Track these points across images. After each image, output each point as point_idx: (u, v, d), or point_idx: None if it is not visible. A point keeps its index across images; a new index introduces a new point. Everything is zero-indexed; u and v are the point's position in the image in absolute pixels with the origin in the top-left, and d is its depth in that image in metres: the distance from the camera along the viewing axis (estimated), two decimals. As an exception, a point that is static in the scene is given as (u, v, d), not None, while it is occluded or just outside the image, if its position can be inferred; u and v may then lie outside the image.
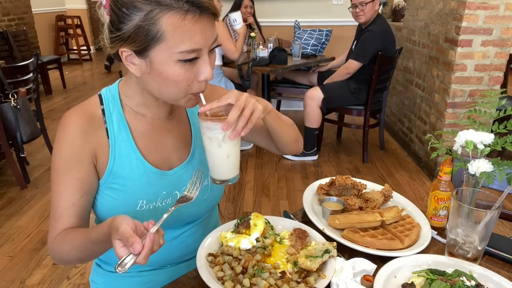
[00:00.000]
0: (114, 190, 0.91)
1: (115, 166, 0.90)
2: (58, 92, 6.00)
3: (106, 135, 0.90)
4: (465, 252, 0.89)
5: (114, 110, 0.92)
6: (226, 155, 0.83)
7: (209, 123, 0.80)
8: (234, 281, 0.80)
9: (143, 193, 0.92)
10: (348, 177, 1.18)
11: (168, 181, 0.95)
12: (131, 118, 0.93)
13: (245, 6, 3.93)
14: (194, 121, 1.02)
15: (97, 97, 0.93)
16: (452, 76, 2.92)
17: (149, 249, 0.67)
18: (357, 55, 3.22)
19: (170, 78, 0.78)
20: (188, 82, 0.80)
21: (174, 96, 0.83)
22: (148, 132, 0.94)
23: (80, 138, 0.87)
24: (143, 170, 0.92)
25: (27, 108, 2.98)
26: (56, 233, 0.87)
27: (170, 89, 0.81)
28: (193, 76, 0.80)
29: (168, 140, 0.97)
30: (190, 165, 0.99)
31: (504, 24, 2.78)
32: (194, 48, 0.76)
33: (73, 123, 0.88)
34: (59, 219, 0.87)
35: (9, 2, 5.70)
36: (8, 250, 2.35)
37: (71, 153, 0.87)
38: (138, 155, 0.92)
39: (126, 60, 0.80)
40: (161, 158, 0.96)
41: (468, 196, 0.92)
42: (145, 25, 0.74)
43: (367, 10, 3.18)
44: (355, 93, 3.31)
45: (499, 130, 0.96)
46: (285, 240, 0.95)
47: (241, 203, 2.87)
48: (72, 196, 0.87)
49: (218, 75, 3.54)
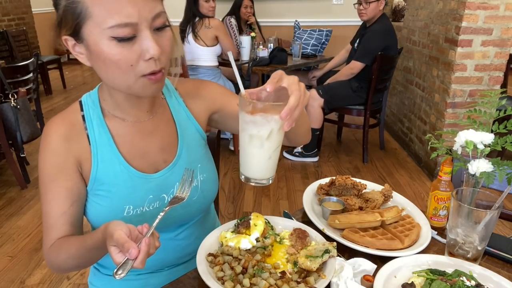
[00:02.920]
0: (100, 197, 0.90)
1: (98, 173, 0.89)
2: (58, 92, 6.00)
3: (87, 141, 0.89)
4: (465, 252, 0.89)
5: (94, 116, 0.90)
6: (268, 156, 0.74)
7: (258, 117, 0.68)
8: (234, 281, 0.80)
9: (129, 199, 0.90)
10: (348, 177, 1.18)
11: (154, 185, 0.93)
12: (112, 122, 0.91)
13: (245, 6, 3.94)
14: (179, 119, 0.98)
15: (78, 103, 0.92)
16: (452, 76, 2.92)
17: (145, 253, 0.66)
18: (361, 55, 3.21)
19: (108, 59, 0.73)
20: (130, 62, 0.73)
21: (123, 81, 0.77)
22: (130, 136, 0.92)
23: (62, 146, 0.86)
24: (127, 175, 0.90)
25: (27, 108, 2.98)
26: (51, 243, 0.87)
27: (115, 73, 0.76)
28: (136, 56, 0.73)
29: (151, 143, 0.94)
30: (177, 167, 0.96)
31: (504, 24, 2.78)
32: (126, 22, 0.70)
33: (54, 132, 0.87)
34: (52, 228, 0.87)
35: (9, 2, 5.70)
36: (8, 250, 2.35)
37: (56, 162, 0.86)
38: (121, 160, 0.90)
39: (73, 50, 0.78)
40: (146, 161, 0.93)
41: (468, 196, 0.92)
42: (69, 4, 0.72)
43: (370, 9, 3.18)
44: (357, 92, 3.31)
45: (499, 130, 0.96)
46: (285, 240, 0.95)
47: (241, 203, 2.87)
48: (62, 205, 0.87)
49: (216, 75, 3.54)
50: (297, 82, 0.70)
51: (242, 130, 0.73)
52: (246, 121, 0.70)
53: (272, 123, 0.69)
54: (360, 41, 3.30)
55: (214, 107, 1.02)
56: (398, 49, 3.39)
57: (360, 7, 3.21)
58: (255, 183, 0.77)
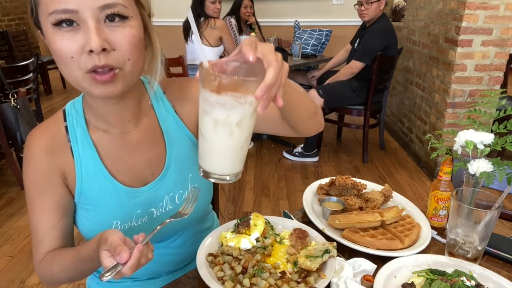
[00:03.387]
0: (87, 211, 0.87)
1: (83, 187, 0.85)
2: (58, 92, 6.00)
3: (71, 154, 0.84)
4: (465, 252, 0.89)
5: (77, 127, 0.85)
6: (238, 147, 0.62)
7: (227, 97, 0.55)
8: (234, 281, 0.80)
9: (116, 214, 0.87)
10: (348, 177, 1.18)
11: (142, 199, 0.88)
12: (96, 135, 0.86)
13: (244, 6, 3.94)
14: (167, 127, 0.91)
15: (61, 112, 0.87)
16: (452, 76, 2.92)
17: (136, 260, 0.65)
18: (361, 55, 3.21)
19: (53, 49, 0.69)
20: (70, 53, 0.67)
21: (70, 75, 0.71)
22: (115, 149, 0.87)
23: (45, 159, 0.83)
24: (113, 190, 0.86)
25: (27, 108, 2.98)
26: (41, 257, 0.85)
27: (60, 65, 0.70)
28: (78, 47, 0.67)
29: (138, 156, 0.88)
30: (166, 179, 0.90)
31: (504, 24, 2.78)
32: (64, 9, 0.65)
33: (36, 144, 0.83)
34: (42, 243, 0.85)
35: (9, 2, 5.71)
36: (8, 250, 2.35)
37: (40, 176, 0.83)
38: (107, 175, 0.85)
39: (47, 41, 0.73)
40: (132, 175, 0.88)
41: (468, 196, 0.92)
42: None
43: (372, 9, 3.18)
44: (357, 92, 3.31)
45: (499, 130, 0.96)
46: (285, 240, 0.95)
47: (241, 203, 2.87)
48: (50, 219, 0.84)
49: (217, 76, 3.54)
50: (273, 52, 0.58)
51: (204, 114, 0.59)
52: (211, 102, 0.57)
53: (246, 105, 0.56)
54: (360, 41, 3.30)
55: None
56: (398, 49, 3.39)
57: (362, 8, 3.21)
58: (217, 179, 0.64)
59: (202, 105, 0.60)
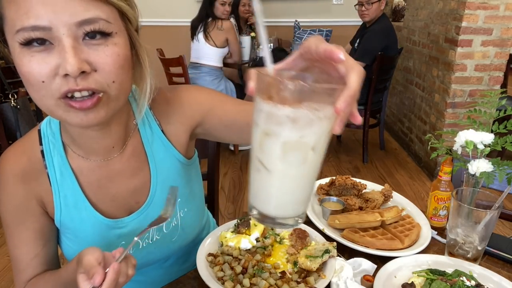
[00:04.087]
0: (70, 240, 0.81)
1: (63, 217, 0.78)
2: (58, 92, 5.99)
3: (48, 182, 0.77)
4: (465, 252, 0.89)
5: (55, 152, 0.76)
6: (312, 177, 0.47)
7: (303, 110, 0.41)
8: (234, 281, 0.80)
9: (99, 246, 0.71)
10: (348, 177, 1.18)
11: (126, 230, 0.81)
12: (75, 161, 0.77)
13: (243, 4, 3.94)
14: (153, 150, 0.82)
15: (36, 133, 0.77)
16: (452, 76, 2.92)
17: (112, 281, 0.59)
18: (361, 55, 3.21)
19: (20, 72, 0.59)
20: (41, 77, 0.57)
21: (41, 102, 0.61)
22: (97, 177, 0.78)
23: (21, 188, 0.75)
24: (95, 222, 0.79)
25: (27, 108, 2.98)
26: (23, 286, 0.80)
27: (29, 90, 0.61)
28: (50, 70, 0.57)
29: (121, 184, 0.80)
30: (152, 207, 0.82)
31: (504, 24, 2.78)
32: (33, 25, 0.55)
33: (10, 171, 0.75)
34: (25, 272, 0.79)
35: (9, 2, 5.70)
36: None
37: (17, 204, 0.76)
38: (88, 206, 0.78)
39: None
40: (115, 204, 0.81)
41: (468, 196, 0.92)
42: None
43: (373, 9, 3.19)
44: None
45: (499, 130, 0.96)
46: (285, 240, 0.95)
47: (241, 203, 2.87)
48: (33, 248, 0.78)
49: (218, 76, 3.54)
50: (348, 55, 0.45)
51: (265, 137, 0.44)
52: (279, 118, 0.42)
53: (324, 121, 0.43)
54: (360, 41, 3.30)
55: (193, 122, 0.84)
56: (398, 49, 3.39)
57: (362, 8, 3.21)
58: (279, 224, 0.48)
59: (262, 124, 0.44)
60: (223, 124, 0.83)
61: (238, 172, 3.35)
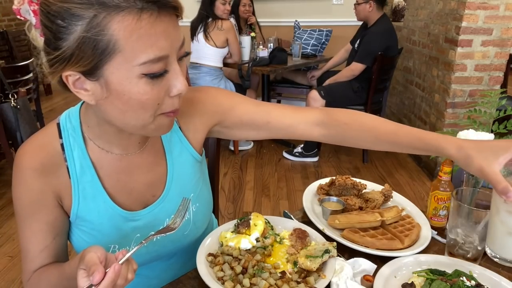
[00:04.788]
0: (83, 232, 0.83)
1: (80, 210, 0.80)
2: (58, 92, 5.99)
3: (67, 175, 0.78)
4: (465, 252, 0.89)
5: (75, 145, 0.78)
6: None
7: None
8: (234, 281, 0.80)
9: (115, 238, 0.82)
10: (348, 177, 1.18)
11: (142, 223, 0.84)
12: (95, 154, 0.80)
13: (243, 5, 3.93)
14: (171, 146, 0.87)
15: (56, 127, 0.79)
16: (452, 76, 2.92)
17: (111, 281, 0.59)
18: (361, 57, 3.21)
19: (134, 99, 0.63)
20: (158, 100, 0.65)
21: (141, 122, 0.67)
22: (116, 170, 0.81)
23: (38, 181, 0.76)
24: (112, 213, 0.81)
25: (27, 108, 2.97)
26: (30, 276, 0.81)
27: (136, 114, 0.66)
28: (164, 92, 0.65)
29: (139, 177, 0.84)
30: (167, 200, 0.86)
31: (504, 24, 2.78)
32: (159, 56, 0.61)
33: (28, 165, 0.76)
34: (32, 262, 0.80)
35: (9, 2, 5.71)
36: (8, 250, 2.35)
37: (32, 198, 0.77)
38: (106, 198, 0.80)
39: (74, 86, 0.65)
40: (132, 197, 0.84)
41: (468, 196, 0.92)
42: (90, 36, 0.58)
43: (358, 10, 3.29)
44: (358, 92, 3.32)
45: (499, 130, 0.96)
46: (285, 240, 0.95)
47: (241, 203, 2.87)
48: (44, 240, 0.79)
49: (218, 76, 3.54)
50: None
51: None
52: None
53: None
54: (361, 42, 3.30)
55: (213, 121, 0.91)
56: (398, 49, 3.39)
57: (354, 7, 3.33)
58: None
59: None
60: (243, 122, 0.91)
61: (238, 172, 3.35)
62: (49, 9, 0.60)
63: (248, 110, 0.91)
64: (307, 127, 0.91)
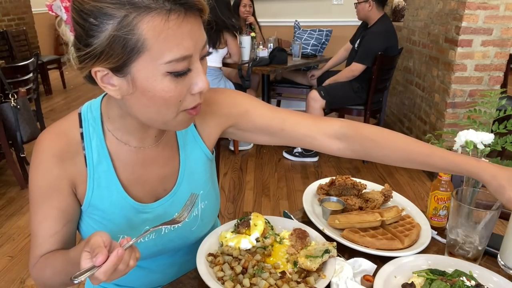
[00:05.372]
0: (94, 221, 0.85)
1: (93, 198, 0.82)
2: (58, 92, 6.00)
3: (84, 163, 0.81)
4: (465, 252, 0.89)
5: (94, 135, 0.81)
6: None
7: None
8: (234, 281, 0.80)
9: (124, 228, 0.84)
10: (348, 177, 1.18)
11: (152, 216, 0.87)
12: (113, 145, 0.82)
13: (243, 5, 3.93)
14: (185, 142, 0.90)
15: (77, 116, 0.82)
16: (452, 76, 2.92)
17: (112, 264, 0.60)
18: (362, 57, 3.21)
19: (158, 96, 0.66)
20: (180, 97, 0.68)
21: (164, 117, 0.71)
22: (132, 162, 0.84)
23: (56, 167, 0.79)
24: (124, 204, 0.84)
25: (27, 108, 2.98)
26: (36, 260, 0.82)
27: (160, 109, 0.69)
28: (186, 89, 0.68)
29: (152, 170, 0.86)
30: (177, 196, 0.89)
31: (504, 24, 2.78)
32: (184, 55, 0.64)
33: (48, 149, 0.79)
34: (40, 247, 0.81)
35: (9, 2, 5.70)
36: (8, 250, 2.35)
37: (49, 183, 0.79)
38: (119, 189, 0.83)
39: (102, 81, 0.68)
40: (145, 190, 0.86)
41: (468, 196, 0.92)
42: (121, 34, 0.61)
43: (358, 9, 3.29)
44: (358, 92, 3.32)
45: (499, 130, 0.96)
46: (285, 240, 0.95)
47: (241, 203, 2.87)
48: (54, 226, 0.81)
49: (218, 76, 3.54)
50: None
51: None
52: None
53: None
54: (361, 42, 3.30)
55: (228, 123, 0.93)
56: (398, 49, 3.39)
57: (355, 7, 3.35)
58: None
59: None
60: (257, 127, 0.92)
61: (238, 172, 3.35)
62: (82, 7, 0.62)
63: (263, 115, 0.91)
64: (325, 139, 0.90)
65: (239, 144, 3.74)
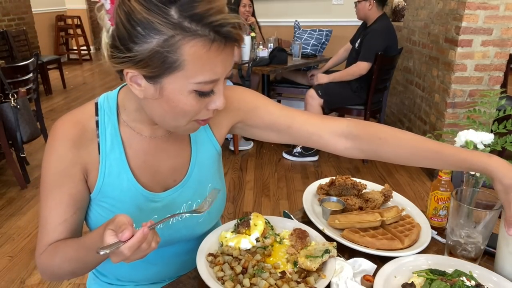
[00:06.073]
0: (103, 209, 0.86)
1: (104, 186, 0.84)
2: (58, 92, 6.00)
3: (97, 150, 0.83)
4: (465, 252, 0.89)
5: (109, 124, 0.84)
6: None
7: None
8: (234, 281, 0.80)
9: (133, 216, 0.84)
10: (348, 177, 1.18)
11: (160, 205, 0.88)
12: (126, 134, 0.85)
13: (243, 5, 3.93)
14: (196, 135, 0.92)
15: (93, 106, 0.85)
16: (452, 76, 2.92)
17: (138, 241, 0.63)
18: (366, 56, 3.19)
19: (180, 108, 0.71)
20: (198, 111, 0.73)
21: (177, 123, 0.75)
22: (144, 151, 0.86)
23: (71, 152, 0.80)
24: (134, 192, 0.85)
25: (27, 108, 2.98)
26: (44, 248, 0.82)
27: (177, 117, 0.74)
28: (204, 105, 0.73)
29: (163, 160, 0.89)
30: (187, 186, 0.91)
31: (504, 24, 2.78)
32: (213, 79, 0.69)
33: (64, 135, 0.80)
34: (49, 235, 0.82)
35: (9, 2, 5.71)
36: (8, 250, 2.35)
37: (62, 168, 0.81)
38: (130, 177, 0.85)
39: (130, 80, 0.71)
40: (155, 179, 0.88)
41: (468, 196, 0.92)
42: (163, 51, 0.64)
43: (358, 8, 3.29)
44: (357, 92, 3.32)
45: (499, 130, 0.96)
46: (285, 240, 0.95)
47: (241, 203, 2.87)
48: (64, 213, 0.82)
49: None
50: None
51: None
52: None
53: None
54: (362, 41, 3.30)
55: (237, 118, 0.95)
56: (398, 49, 3.39)
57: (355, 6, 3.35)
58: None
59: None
60: (265, 123, 0.94)
61: (238, 172, 3.35)
62: (133, 15, 0.64)
63: (271, 112, 0.93)
64: (332, 137, 0.91)
65: (239, 144, 3.74)
